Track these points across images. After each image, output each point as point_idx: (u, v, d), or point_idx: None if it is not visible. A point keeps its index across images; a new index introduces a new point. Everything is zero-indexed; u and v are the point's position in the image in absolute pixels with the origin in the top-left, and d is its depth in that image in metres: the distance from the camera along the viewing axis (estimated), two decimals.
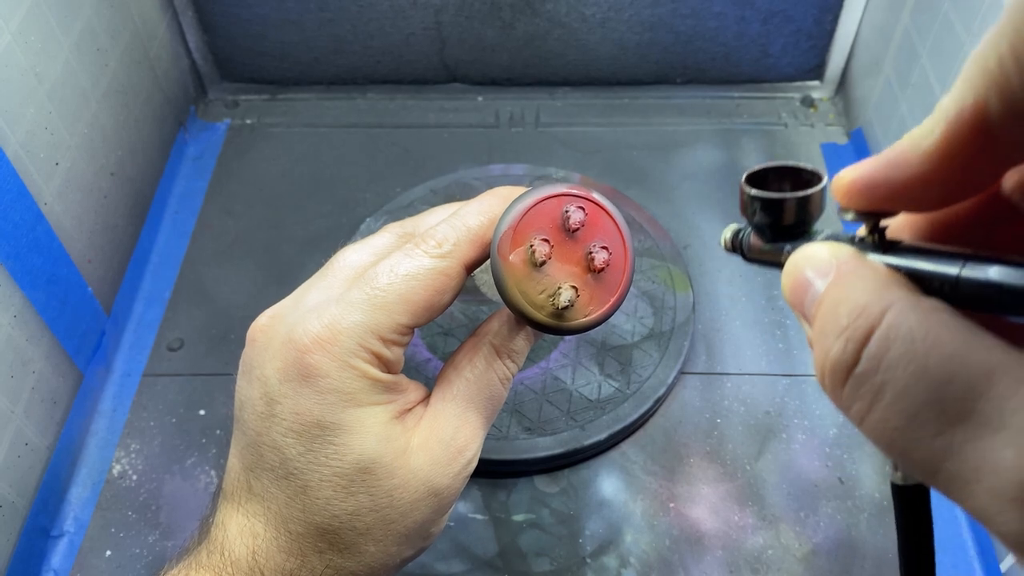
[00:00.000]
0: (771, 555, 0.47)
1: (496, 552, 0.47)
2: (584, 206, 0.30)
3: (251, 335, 0.33)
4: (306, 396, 0.30)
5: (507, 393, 0.34)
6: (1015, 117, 0.16)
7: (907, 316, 0.17)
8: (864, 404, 0.17)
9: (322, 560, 0.31)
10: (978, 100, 0.16)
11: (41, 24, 0.52)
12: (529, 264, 0.30)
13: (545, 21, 0.70)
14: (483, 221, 0.32)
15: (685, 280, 0.57)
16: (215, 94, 0.76)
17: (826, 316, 0.18)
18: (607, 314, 0.31)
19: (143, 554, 0.48)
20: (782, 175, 0.23)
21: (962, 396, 0.15)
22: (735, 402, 0.53)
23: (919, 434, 0.16)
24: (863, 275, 0.18)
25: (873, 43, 0.68)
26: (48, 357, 0.51)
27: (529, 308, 0.30)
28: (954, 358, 0.16)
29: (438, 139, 0.70)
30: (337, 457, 0.30)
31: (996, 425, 0.15)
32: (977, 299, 0.17)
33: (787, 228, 0.23)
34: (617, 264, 0.31)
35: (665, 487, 0.50)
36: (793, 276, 0.20)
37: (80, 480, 0.52)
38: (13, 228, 0.47)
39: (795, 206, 0.22)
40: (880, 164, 0.19)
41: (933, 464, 0.16)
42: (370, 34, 0.71)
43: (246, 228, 0.64)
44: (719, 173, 0.67)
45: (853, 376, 0.17)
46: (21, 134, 0.49)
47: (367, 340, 0.30)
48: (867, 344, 0.17)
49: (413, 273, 0.31)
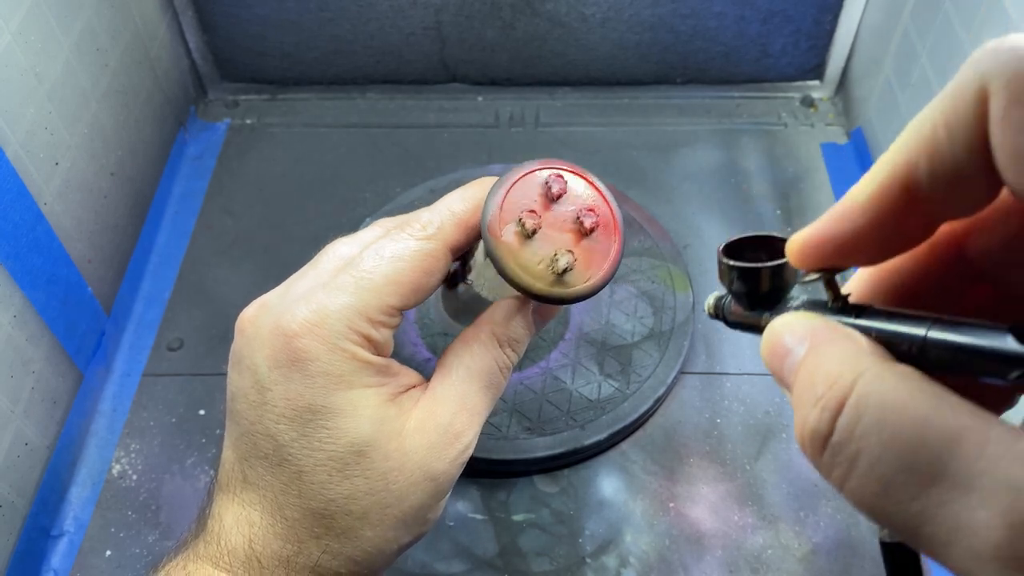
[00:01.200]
0: (771, 555, 0.47)
1: (496, 552, 0.47)
2: (563, 174, 0.31)
3: (239, 325, 0.33)
4: (296, 381, 0.30)
5: (506, 382, 0.35)
6: (941, 179, 0.18)
7: (877, 384, 0.17)
8: (842, 471, 0.18)
9: (319, 545, 0.31)
10: (910, 159, 0.18)
11: (41, 24, 0.52)
12: (522, 237, 0.30)
13: (545, 21, 0.70)
14: (466, 206, 0.33)
15: (685, 280, 0.57)
16: (215, 94, 0.76)
17: (803, 385, 0.19)
18: (608, 275, 0.31)
19: (143, 554, 0.48)
20: (757, 245, 0.24)
21: (933, 460, 0.16)
22: (735, 402, 0.53)
23: (896, 499, 0.16)
24: (836, 344, 0.19)
25: (873, 43, 0.68)
26: (48, 357, 0.51)
27: (530, 279, 0.30)
28: (923, 423, 0.16)
29: (438, 139, 0.70)
30: (331, 440, 0.30)
31: (967, 487, 0.15)
32: (944, 361, 0.17)
33: (764, 295, 0.24)
34: (607, 226, 0.31)
35: (665, 487, 0.50)
36: (772, 344, 0.21)
37: (80, 480, 0.52)
38: (13, 228, 0.47)
39: (770, 274, 0.23)
40: (826, 222, 0.20)
41: (913, 527, 0.16)
42: (370, 34, 0.71)
43: (246, 228, 0.64)
44: (719, 173, 0.67)
45: (830, 445, 0.18)
46: (21, 134, 0.49)
47: (355, 322, 0.30)
48: (840, 414, 0.17)
49: (399, 255, 0.31)
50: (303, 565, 0.31)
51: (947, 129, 0.17)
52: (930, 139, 0.17)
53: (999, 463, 0.15)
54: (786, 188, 0.66)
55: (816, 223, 0.21)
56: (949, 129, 0.17)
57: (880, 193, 0.19)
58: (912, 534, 0.16)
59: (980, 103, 0.16)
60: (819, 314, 0.21)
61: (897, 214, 0.19)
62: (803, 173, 0.67)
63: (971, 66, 0.16)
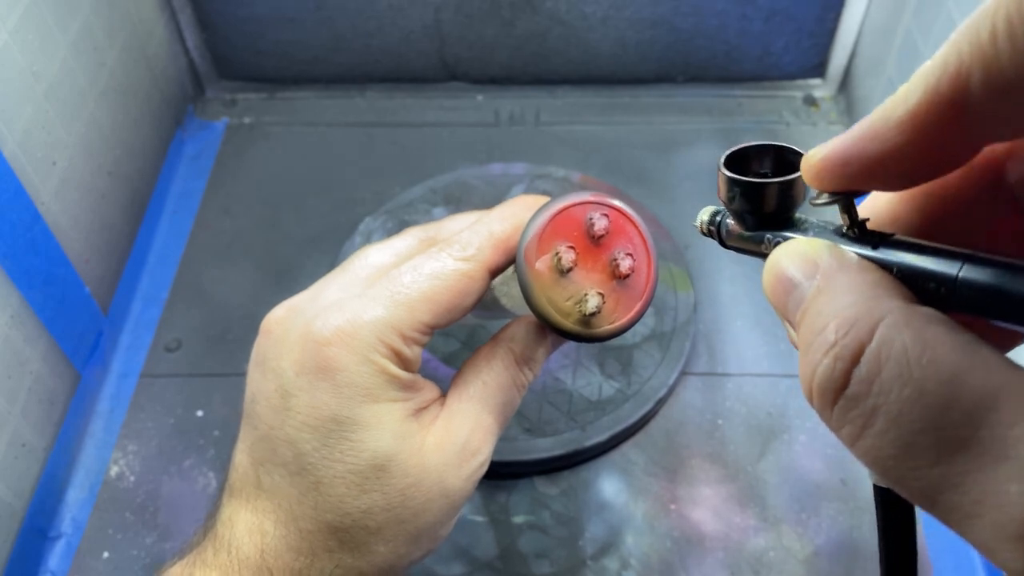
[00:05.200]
0: (773, 557, 0.46)
1: (496, 554, 0.47)
2: (608, 213, 0.30)
3: (266, 326, 0.32)
4: (323, 390, 0.29)
5: (520, 401, 0.34)
6: (997, 92, 0.15)
7: (901, 331, 0.15)
8: (855, 428, 0.16)
9: (332, 559, 0.30)
10: (960, 70, 0.15)
11: (38, 23, 0.51)
12: (555, 271, 0.30)
13: (545, 19, 0.70)
14: (507, 227, 0.32)
15: (686, 280, 0.56)
16: (213, 93, 0.75)
17: (812, 329, 0.17)
18: (633, 320, 0.31)
19: (141, 555, 0.48)
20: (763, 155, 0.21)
21: (962, 423, 0.14)
22: (737, 403, 0.53)
23: (915, 463, 0.15)
24: (851, 281, 0.17)
25: (875, 42, 0.67)
26: (45, 357, 0.51)
27: (556, 315, 0.30)
28: (953, 380, 0.14)
29: (437, 138, 0.70)
30: (353, 453, 0.30)
31: (999, 456, 0.14)
32: (976, 304, 0.15)
33: (768, 215, 0.21)
34: (641, 270, 0.31)
35: (666, 488, 0.49)
36: (775, 275, 0.19)
37: (77, 481, 0.52)
38: (10, 228, 0.47)
39: (777, 192, 0.20)
40: (852, 138, 0.17)
41: (930, 494, 0.15)
42: (369, 32, 0.71)
43: (244, 227, 0.64)
44: None
45: (843, 398, 0.16)
46: (18, 133, 0.49)
47: (387, 336, 0.30)
48: (857, 364, 0.16)
49: (437, 273, 0.31)
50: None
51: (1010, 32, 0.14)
52: (989, 44, 0.15)
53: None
54: None
55: (840, 138, 0.18)
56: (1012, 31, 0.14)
57: (923, 108, 0.16)
58: (928, 500, 0.15)
59: None
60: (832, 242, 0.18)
61: (942, 133, 0.16)
62: None
63: None
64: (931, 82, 0.16)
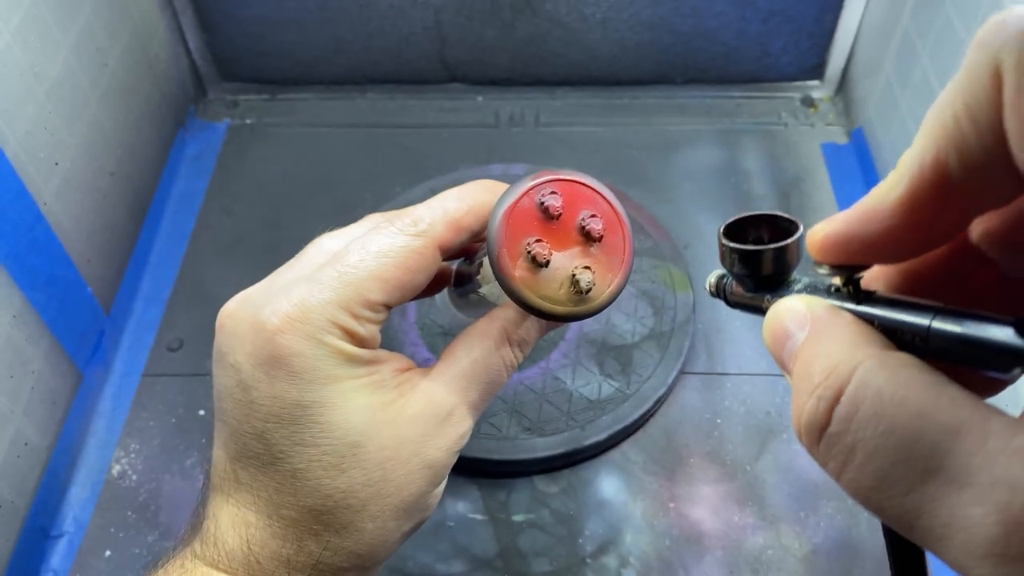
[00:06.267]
0: (771, 555, 0.47)
1: (496, 552, 0.47)
2: (556, 188, 0.30)
3: (220, 321, 0.32)
4: (281, 378, 0.29)
5: (507, 380, 0.34)
6: (973, 171, 0.16)
7: (876, 374, 0.17)
8: (837, 463, 0.17)
9: (319, 542, 0.30)
10: (938, 155, 0.17)
11: (40, 24, 0.51)
12: (535, 268, 0.29)
13: (545, 21, 0.70)
14: (461, 206, 0.32)
15: (685, 280, 0.57)
16: (215, 94, 0.75)
17: (801, 372, 0.19)
18: (627, 275, 0.31)
19: (143, 554, 0.48)
20: (759, 223, 0.23)
21: (929, 453, 0.16)
22: (735, 402, 0.53)
23: (891, 492, 0.16)
24: (836, 331, 0.19)
25: (873, 43, 0.68)
26: (47, 357, 0.51)
27: (555, 308, 0.30)
28: (921, 415, 0.16)
29: (438, 139, 0.70)
30: (324, 435, 0.29)
31: (963, 482, 0.15)
32: (947, 352, 0.17)
33: (766, 278, 0.23)
34: (613, 226, 0.30)
35: (665, 487, 0.49)
36: (773, 328, 0.21)
37: (79, 480, 0.52)
38: (12, 228, 0.47)
39: (772, 257, 0.22)
40: (850, 219, 0.19)
41: (907, 520, 0.16)
42: (370, 34, 0.71)
43: (246, 228, 0.64)
44: (719, 173, 0.67)
45: (826, 435, 0.18)
46: (20, 134, 0.49)
47: (337, 317, 0.30)
48: (837, 404, 0.17)
49: (384, 250, 0.31)
50: (304, 563, 0.30)
51: (969, 116, 0.16)
52: (954, 129, 0.16)
53: (997, 459, 0.15)
54: (786, 188, 0.66)
55: (841, 219, 0.19)
56: (971, 115, 0.16)
57: (912, 191, 0.18)
58: (907, 527, 0.16)
59: (997, 85, 0.15)
60: (822, 298, 0.21)
61: (931, 212, 0.18)
62: (803, 173, 0.67)
63: (981, 46, 0.15)
64: (915, 168, 0.17)
